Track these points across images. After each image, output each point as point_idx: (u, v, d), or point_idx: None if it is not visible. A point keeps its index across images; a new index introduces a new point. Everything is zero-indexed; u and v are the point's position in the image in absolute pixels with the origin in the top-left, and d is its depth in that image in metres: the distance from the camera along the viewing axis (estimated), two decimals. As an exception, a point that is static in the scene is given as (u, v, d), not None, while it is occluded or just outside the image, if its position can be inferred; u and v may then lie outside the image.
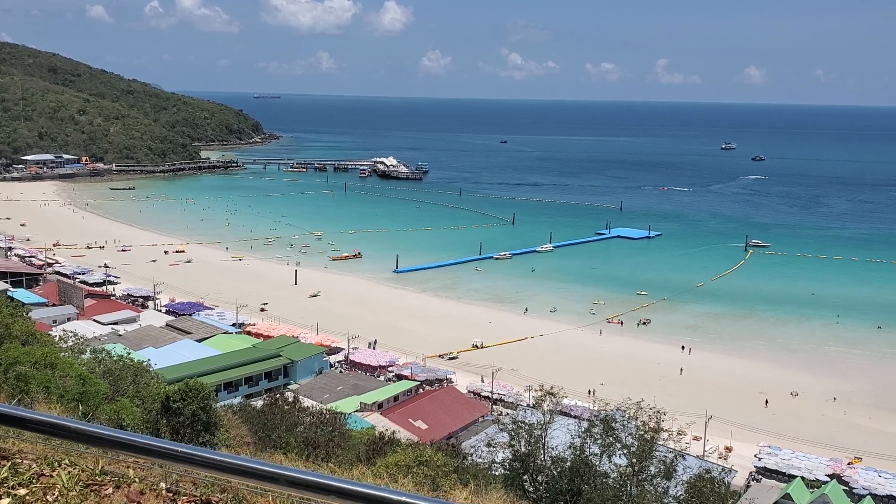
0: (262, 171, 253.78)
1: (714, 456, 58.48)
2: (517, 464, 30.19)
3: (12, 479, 3.55)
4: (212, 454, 3.09)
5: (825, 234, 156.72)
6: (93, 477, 3.69)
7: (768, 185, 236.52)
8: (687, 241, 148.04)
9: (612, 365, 79.74)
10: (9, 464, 3.66)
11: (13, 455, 3.75)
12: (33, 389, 21.65)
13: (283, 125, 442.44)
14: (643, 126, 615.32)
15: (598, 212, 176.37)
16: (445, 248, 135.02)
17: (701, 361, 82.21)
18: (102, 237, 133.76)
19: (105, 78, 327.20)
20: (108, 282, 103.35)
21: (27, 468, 3.65)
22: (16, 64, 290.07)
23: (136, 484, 3.65)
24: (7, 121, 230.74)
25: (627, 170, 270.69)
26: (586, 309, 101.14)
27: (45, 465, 3.70)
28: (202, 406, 28.65)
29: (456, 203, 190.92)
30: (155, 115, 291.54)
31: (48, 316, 76.47)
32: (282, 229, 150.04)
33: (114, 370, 33.17)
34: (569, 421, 37.45)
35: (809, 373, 79.34)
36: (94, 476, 3.69)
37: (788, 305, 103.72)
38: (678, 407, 56.23)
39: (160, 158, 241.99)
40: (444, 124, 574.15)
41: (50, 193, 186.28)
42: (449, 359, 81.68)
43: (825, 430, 65.91)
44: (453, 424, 60.97)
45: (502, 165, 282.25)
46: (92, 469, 3.73)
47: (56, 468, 3.70)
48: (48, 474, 3.66)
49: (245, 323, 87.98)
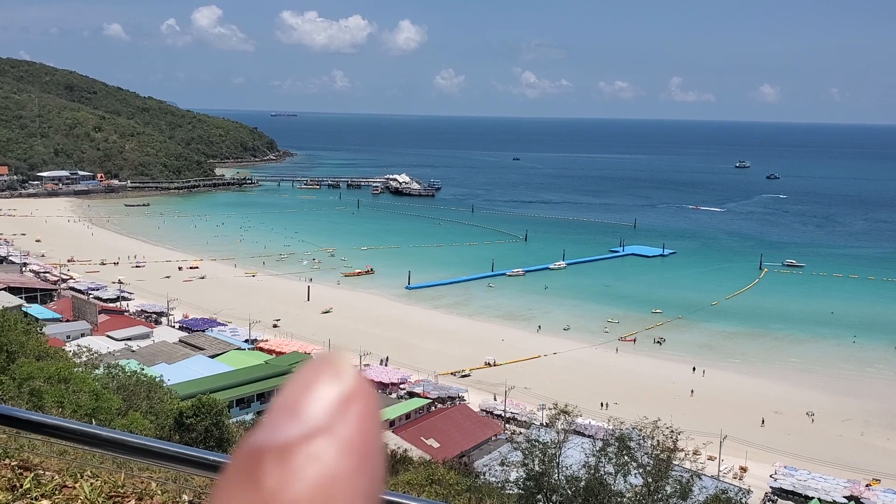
0: (275, 188, 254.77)
1: (729, 476, 57.85)
2: (531, 483, 29.94)
3: (35, 489, 3.50)
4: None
5: (841, 252, 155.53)
6: (115, 489, 3.63)
7: (783, 204, 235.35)
8: (702, 259, 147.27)
9: (626, 384, 79.19)
10: (31, 475, 3.61)
11: (36, 466, 3.70)
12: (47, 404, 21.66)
13: (297, 143, 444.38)
14: (657, 144, 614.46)
15: (611, 229, 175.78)
16: (458, 265, 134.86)
17: (715, 380, 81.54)
18: (116, 253, 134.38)
19: (121, 95, 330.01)
20: (121, 298, 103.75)
21: (50, 479, 3.60)
22: (33, 81, 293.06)
23: (158, 496, 3.59)
24: (24, 137, 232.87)
25: (641, 187, 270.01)
26: (600, 327, 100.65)
27: (67, 477, 3.65)
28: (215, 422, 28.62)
29: (468, 220, 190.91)
30: (170, 132, 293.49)
31: (62, 331, 76.75)
32: (295, 245, 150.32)
33: (127, 385, 33.22)
34: (583, 440, 37.17)
35: (825, 392, 78.53)
36: (116, 488, 3.63)
37: (804, 324, 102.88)
38: (693, 426, 55.72)
39: (175, 175, 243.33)
40: (456, 142, 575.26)
41: (65, 210, 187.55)
42: (461, 376, 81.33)
43: (842, 451, 65.11)
44: (466, 443, 60.62)
45: (515, 182, 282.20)
46: (114, 481, 3.67)
47: (78, 480, 3.65)
48: (70, 486, 3.61)
49: (258, 339, 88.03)
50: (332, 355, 0.59)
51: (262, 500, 0.57)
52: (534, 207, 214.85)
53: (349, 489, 0.58)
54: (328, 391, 0.61)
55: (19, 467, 3.65)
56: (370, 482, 0.59)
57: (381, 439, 0.61)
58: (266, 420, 0.61)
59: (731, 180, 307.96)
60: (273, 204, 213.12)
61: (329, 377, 0.62)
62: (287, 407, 0.61)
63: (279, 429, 0.59)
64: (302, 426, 0.59)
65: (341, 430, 0.59)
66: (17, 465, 3.67)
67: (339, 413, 0.60)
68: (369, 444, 0.60)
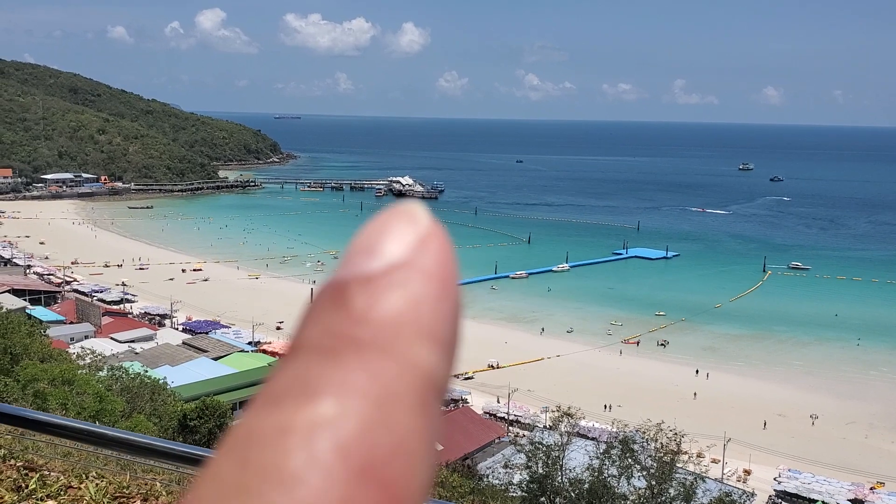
0: (279, 190, 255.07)
1: (733, 479, 57.77)
2: (535, 485, 29.91)
3: (41, 490, 3.50)
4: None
5: (845, 255, 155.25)
6: (120, 490, 3.63)
7: (787, 206, 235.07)
8: (705, 261, 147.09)
9: (629, 386, 79.08)
10: (37, 476, 3.61)
11: (41, 467, 3.71)
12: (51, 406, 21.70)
13: (300, 145, 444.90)
14: (660, 146, 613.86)
15: (615, 231, 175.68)
16: (461, 267, 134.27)
17: (719, 383, 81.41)
18: (120, 255, 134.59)
19: (124, 98, 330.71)
20: (125, 300, 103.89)
21: (55, 480, 3.61)
22: (37, 84, 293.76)
23: (163, 497, 3.59)
24: (28, 140, 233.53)
25: (644, 190, 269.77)
26: (603, 329, 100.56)
27: (72, 478, 3.65)
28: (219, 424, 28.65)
29: (472, 222, 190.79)
30: (174, 134, 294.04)
31: (66, 333, 76.86)
32: (298, 248, 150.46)
33: (131, 388, 33.25)
34: (586, 442, 37.14)
35: (829, 395, 78.35)
36: (121, 489, 3.63)
37: (807, 327, 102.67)
38: (696, 429, 55.61)
39: (178, 178, 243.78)
40: (459, 144, 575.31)
41: (69, 212, 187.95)
42: (464, 379, 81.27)
43: (846, 454, 64.95)
44: (469, 445, 60.56)
45: (518, 185, 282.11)
46: (119, 482, 3.67)
47: (84, 480, 3.65)
48: (76, 486, 3.61)
49: (261, 341, 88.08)
50: (405, 204, 0.59)
51: (352, 320, 0.57)
52: (537, 210, 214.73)
53: (435, 312, 0.58)
54: (405, 233, 0.61)
55: (24, 468, 3.66)
56: (454, 307, 0.60)
57: (459, 274, 0.62)
58: (344, 260, 0.61)
59: (735, 182, 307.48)
60: (276, 206, 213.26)
61: (404, 222, 0.62)
62: (365, 248, 0.60)
63: (360, 265, 0.60)
64: (383, 261, 0.59)
65: (421, 263, 0.59)
66: (22, 466, 3.68)
67: (417, 250, 0.60)
68: (449, 274, 0.61)
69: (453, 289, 0.61)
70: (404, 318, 0.57)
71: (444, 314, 0.59)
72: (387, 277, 0.58)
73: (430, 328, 0.57)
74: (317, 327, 0.58)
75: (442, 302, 0.59)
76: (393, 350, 0.56)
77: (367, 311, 0.57)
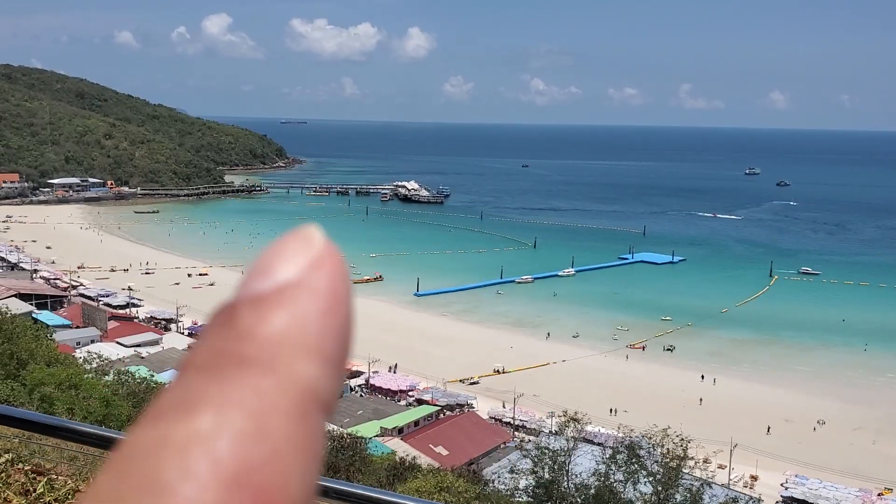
0: (285, 195, 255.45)
1: (740, 485, 57.57)
2: (541, 491, 29.85)
3: (48, 494, 3.50)
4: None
5: (852, 260, 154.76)
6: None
7: (794, 211, 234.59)
8: (712, 266, 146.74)
9: (635, 391, 78.91)
10: (45, 479, 3.61)
11: (49, 471, 3.70)
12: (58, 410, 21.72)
13: (306, 150, 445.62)
14: (666, 151, 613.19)
15: (621, 236, 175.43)
16: (467, 272, 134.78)
17: (725, 388, 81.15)
18: (126, 260, 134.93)
19: (131, 103, 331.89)
20: (131, 304, 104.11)
21: (63, 484, 3.60)
22: (44, 89, 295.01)
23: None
24: (35, 145, 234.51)
25: (651, 194, 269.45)
26: (609, 334, 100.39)
27: (80, 482, 3.64)
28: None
29: (477, 227, 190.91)
30: (180, 139, 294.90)
31: (72, 338, 76.99)
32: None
33: (137, 392, 33.27)
34: (592, 448, 37.06)
35: (836, 400, 78.02)
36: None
37: (814, 332, 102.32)
38: (703, 434, 55.46)
39: (185, 182, 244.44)
40: (465, 149, 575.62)
41: (75, 216, 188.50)
42: (470, 384, 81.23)
43: (853, 460, 64.63)
44: (474, 450, 60.49)
45: (524, 189, 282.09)
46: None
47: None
48: (84, 491, 3.60)
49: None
50: (302, 228, 0.62)
51: (237, 338, 0.59)
52: (543, 214, 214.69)
53: (321, 328, 0.60)
54: (298, 254, 0.65)
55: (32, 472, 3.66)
56: (342, 323, 0.62)
57: (351, 292, 0.64)
58: (239, 283, 0.65)
59: (741, 187, 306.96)
60: (282, 211, 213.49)
61: (299, 245, 0.66)
62: (259, 270, 0.65)
63: (252, 286, 0.64)
64: (273, 281, 0.63)
65: (311, 282, 0.62)
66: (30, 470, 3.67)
67: (309, 271, 0.63)
68: (339, 293, 0.63)
69: (343, 306, 0.62)
70: (288, 334, 0.59)
71: (330, 330, 0.61)
72: (276, 297, 0.62)
73: (314, 344, 0.59)
74: (204, 346, 0.60)
75: (329, 318, 0.61)
76: (274, 365, 0.58)
77: (253, 328, 0.60)
